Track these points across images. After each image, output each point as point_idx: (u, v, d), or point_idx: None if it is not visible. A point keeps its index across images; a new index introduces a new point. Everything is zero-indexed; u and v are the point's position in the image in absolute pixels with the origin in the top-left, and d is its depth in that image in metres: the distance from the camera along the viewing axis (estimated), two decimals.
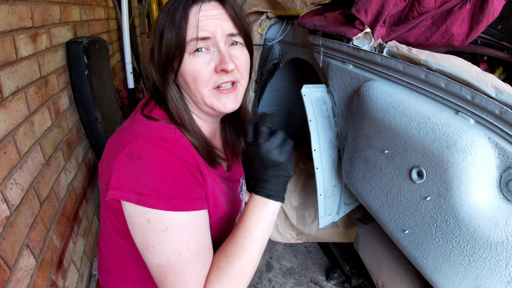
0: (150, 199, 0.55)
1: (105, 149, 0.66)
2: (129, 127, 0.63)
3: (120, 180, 0.57)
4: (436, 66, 0.71)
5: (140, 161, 0.56)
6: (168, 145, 0.59)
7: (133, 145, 0.58)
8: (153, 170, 0.56)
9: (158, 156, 0.57)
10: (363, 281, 1.46)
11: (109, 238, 0.73)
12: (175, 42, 0.62)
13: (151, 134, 0.59)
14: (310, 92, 1.10)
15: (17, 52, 0.96)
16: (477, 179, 0.61)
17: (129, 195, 0.56)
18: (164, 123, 0.64)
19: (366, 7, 0.85)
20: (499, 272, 0.60)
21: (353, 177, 0.97)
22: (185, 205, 0.58)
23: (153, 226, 0.56)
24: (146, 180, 0.56)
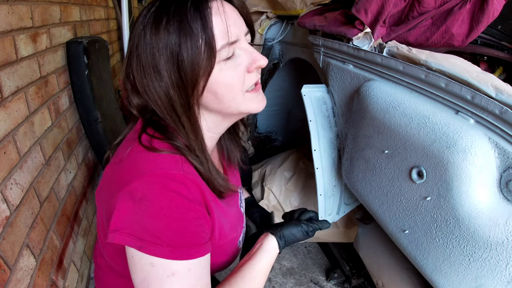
0: (154, 247, 0.51)
1: (103, 178, 0.61)
2: (129, 160, 0.56)
3: (120, 222, 0.52)
4: (436, 66, 0.71)
5: (143, 203, 0.51)
6: (176, 184, 0.53)
7: (136, 185, 0.52)
8: (157, 214, 0.51)
9: (163, 198, 0.52)
10: (363, 281, 1.45)
11: (106, 253, 0.70)
12: (204, 51, 0.52)
13: (155, 171, 0.53)
14: (310, 92, 1.10)
15: (17, 52, 0.96)
16: (477, 179, 0.61)
17: (130, 239, 0.51)
18: (169, 154, 0.57)
19: (366, 7, 0.85)
20: (499, 272, 0.60)
21: (353, 177, 0.97)
22: (191, 253, 0.54)
23: (157, 270, 0.52)
24: (149, 225, 0.51)
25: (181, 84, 0.55)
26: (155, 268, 0.52)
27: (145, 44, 0.54)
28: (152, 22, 0.53)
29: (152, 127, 0.60)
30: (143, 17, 0.55)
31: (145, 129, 0.60)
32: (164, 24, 0.52)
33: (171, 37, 0.52)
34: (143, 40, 0.54)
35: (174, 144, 0.58)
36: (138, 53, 0.55)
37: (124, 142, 0.62)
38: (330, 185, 1.13)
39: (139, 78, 0.56)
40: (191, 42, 0.52)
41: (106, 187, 0.59)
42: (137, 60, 0.55)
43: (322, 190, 1.11)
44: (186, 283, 0.54)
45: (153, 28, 0.53)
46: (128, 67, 0.57)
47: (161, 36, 0.53)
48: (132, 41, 0.56)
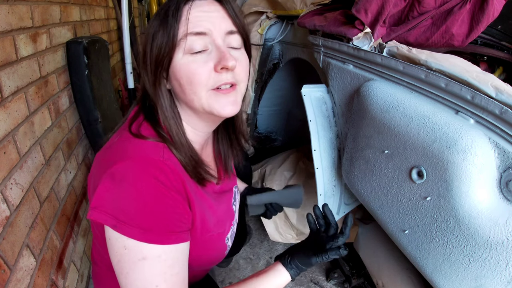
0: (126, 227, 0.53)
1: (93, 164, 0.64)
2: (117, 146, 0.60)
3: (100, 200, 0.55)
4: (436, 66, 0.71)
5: (122, 184, 0.54)
6: (155, 170, 0.55)
7: (118, 167, 0.54)
8: (133, 196, 0.54)
9: (141, 182, 0.54)
10: (363, 281, 1.45)
11: (99, 246, 0.72)
12: (166, 39, 0.59)
13: (137, 156, 0.56)
14: (310, 92, 1.10)
15: (17, 52, 0.96)
16: (477, 179, 0.61)
17: (107, 217, 0.54)
18: (153, 141, 0.60)
19: (366, 7, 0.85)
20: (499, 272, 0.60)
21: (353, 177, 0.97)
22: (162, 238, 0.55)
23: (129, 253, 0.54)
24: (125, 205, 0.54)
25: (150, 66, 0.62)
26: (127, 250, 0.54)
27: (150, 22, 0.64)
28: (154, 15, 0.63)
29: (144, 113, 0.65)
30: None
31: (137, 115, 0.65)
32: (155, 16, 0.62)
33: (153, 27, 0.61)
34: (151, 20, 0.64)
35: (159, 132, 0.62)
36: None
37: (118, 130, 0.66)
38: (330, 185, 1.13)
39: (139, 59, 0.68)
40: (162, 32, 0.59)
41: (94, 172, 0.62)
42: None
43: (322, 190, 1.11)
44: (156, 269, 0.55)
45: (151, 20, 0.63)
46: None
47: (149, 26, 0.62)
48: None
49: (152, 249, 0.55)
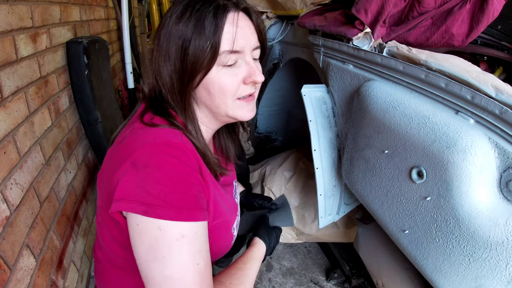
0: (159, 209, 0.52)
1: (105, 161, 0.64)
2: (130, 135, 0.60)
3: (125, 191, 0.54)
4: (436, 66, 0.71)
5: (146, 169, 0.53)
6: (176, 151, 0.56)
7: (139, 153, 0.54)
8: (161, 178, 0.53)
9: (165, 163, 0.54)
10: (363, 281, 1.45)
11: (105, 245, 0.72)
12: (208, 52, 0.59)
13: (157, 140, 0.56)
14: (310, 92, 1.10)
15: (17, 52, 0.96)
16: (477, 179, 0.61)
17: (135, 205, 0.53)
18: (169, 128, 0.61)
19: (366, 7, 0.85)
20: (499, 272, 0.60)
21: (353, 177, 0.97)
22: (195, 215, 0.56)
23: (165, 234, 0.53)
24: (154, 189, 0.53)
25: (181, 72, 0.62)
26: (163, 232, 0.53)
27: (166, 29, 0.61)
28: (178, 12, 0.61)
29: (153, 108, 0.65)
30: (175, 6, 0.62)
31: (147, 110, 0.65)
32: (186, 18, 0.60)
33: (186, 31, 0.60)
34: (166, 25, 0.61)
35: (173, 122, 0.63)
36: (159, 35, 0.62)
37: (127, 125, 0.66)
38: (330, 185, 1.13)
39: (156, 56, 0.63)
40: (200, 41, 0.59)
41: (108, 166, 0.61)
42: (157, 40, 0.62)
43: (322, 190, 1.11)
44: (194, 247, 0.55)
45: (176, 18, 0.60)
46: (153, 44, 0.64)
47: (179, 27, 0.60)
48: (160, 23, 0.63)
49: (189, 227, 0.54)
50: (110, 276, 0.76)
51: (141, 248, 0.54)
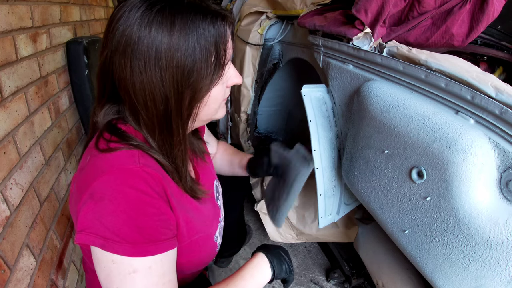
0: (114, 244, 0.52)
1: (71, 188, 0.63)
2: (89, 166, 0.58)
3: (84, 223, 0.54)
4: (436, 66, 0.71)
5: (102, 202, 0.53)
6: (133, 179, 0.54)
7: (95, 185, 0.53)
8: (115, 211, 0.52)
9: (121, 195, 0.53)
10: (363, 281, 1.45)
11: (88, 260, 0.72)
12: (214, 73, 0.58)
13: (113, 168, 0.54)
14: (310, 92, 1.10)
15: (17, 52, 0.96)
16: (477, 179, 0.61)
17: (94, 238, 0.52)
18: (125, 150, 0.58)
19: (366, 7, 0.85)
20: (499, 272, 0.60)
21: (353, 177, 0.97)
22: (150, 250, 0.54)
23: (118, 267, 0.53)
24: (109, 222, 0.52)
25: (179, 98, 0.57)
26: (116, 265, 0.53)
27: (153, 42, 0.53)
28: (166, 23, 0.53)
29: (109, 132, 0.61)
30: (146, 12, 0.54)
31: (102, 134, 0.61)
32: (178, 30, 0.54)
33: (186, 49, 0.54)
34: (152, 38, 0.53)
35: (131, 143, 0.59)
36: (140, 48, 0.54)
37: (85, 153, 0.64)
38: (330, 185, 1.13)
39: (137, 73, 0.55)
40: (206, 62, 0.57)
41: (73, 194, 0.60)
42: (136, 54, 0.54)
43: (322, 190, 1.11)
44: (148, 281, 0.54)
45: (166, 30, 0.53)
46: (118, 57, 0.56)
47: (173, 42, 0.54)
48: (129, 32, 0.54)
49: (142, 261, 0.54)
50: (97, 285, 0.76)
51: (101, 275, 0.55)
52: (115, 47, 0.55)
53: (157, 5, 0.53)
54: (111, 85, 0.60)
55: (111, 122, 0.62)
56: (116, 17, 0.55)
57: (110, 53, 0.56)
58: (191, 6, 0.55)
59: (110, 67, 0.57)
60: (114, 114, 0.63)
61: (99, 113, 0.62)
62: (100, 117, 0.62)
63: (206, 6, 0.57)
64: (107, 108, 0.62)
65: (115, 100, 0.62)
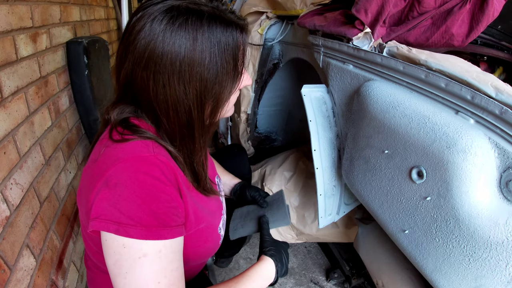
0: (128, 228, 0.53)
1: (82, 179, 0.64)
2: (103, 155, 0.59)
3: (99, 210, 0.54)
4: (436, 66, 0.71)
5: (117, 188, 0.54)
6: (148, 166, 0.55)
7: (111, 172, 0.54)
8: (130, 197, 0.53)
9: (136, 181, 0.54)
10: (363, 281, 1.45)
11: (91, 255, 0.73)
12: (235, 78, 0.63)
13: (128, 156, 0.55)
14: (310, 92, 1.10)
15: (17, 52, 0.96)
16: (477, 179, 0.61)
17: (108, 225, 0.53)
18: (139, 140, 0.59)
19: (366, 7, 0.85)
20: (499, 272, 0.60)
21: (353, 177, 0.97)
22: (162, 233, 0.55)
23: (129, 251, 0.53)
24: (124, 207, 0.53)
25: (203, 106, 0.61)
26: (126, 249, 0.53)
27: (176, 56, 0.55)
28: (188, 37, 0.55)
29: (122, 126, 0.62)
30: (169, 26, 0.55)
31: (115, 127, 0.62)
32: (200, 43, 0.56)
33: (218, 61, 0.58)
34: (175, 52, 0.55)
35: (145, 135, 0.61)
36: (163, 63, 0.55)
37: (97, 145, 0.65)
38: (330, 185, 1.13)
39: (160, 86, 0.57)
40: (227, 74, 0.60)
41: (85, 185, 0.61)
42: (160, 68, 0.55)
43: (322, 190, 1.11)
44: (156, 265, 0.55)
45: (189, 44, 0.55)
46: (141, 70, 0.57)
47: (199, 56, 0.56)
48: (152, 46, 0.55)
49: (153, 245, 0.54)
50: (98, 282, 0.77)
51: (109, 261, 0.56)
52: (137, 60, 0.56)
53: (179, 19, 0.54)
54: (133, 93, 0.61)
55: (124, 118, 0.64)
56: (136, 29, 0.55)
57: (132, 65, 0.57)
58: (211, 18, 0.56)
59: (132, 78, 0.59)
60: (129, 112, 0.64)
61: (112, 111, 0.63)
62: (114, 114, 0.63)
63: (225, 18, 0.58)
64: (122, 106, 0.64)
65: (133, 103, 0.64)
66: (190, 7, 0.56)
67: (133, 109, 0.64)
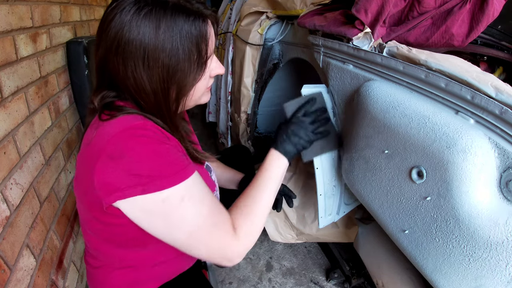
0: (153, 184, 0.56)
1: (77, 165, 0.66)
2: (96, 135, 0.61)
3: (114, 183, 0.56)
4: (436, 66, 0.71)
5: (124, 157, 0.56)
6: (142, 131, 0.59)
7: (110, 146, 0.56)
8: (140, 159, 0.56)
9: (137, 144, 0.57)
10: (363, 281, 1.45)
11: (92, 248, 0.74)
12: (198, 66, 0.65)
13: (120, 128, 0.58)
14: (310, 92, 1.09)
15: (17, 52, 0.96)
16: (477, 179, 0.61)
17: (132, 190, 0.56)
18: (128, 114, 0.63)
19: (366, 7, 0.85)
20: (499, 272, 0.60)
21: (353, 177, 0.97)
22: (184, 174, 0.60)
23: (170, 202, 0.58)
24: (140, 170, 0.56)
25: (167, 91, 0.64)
26: (166, 202, 0.58)
27: (141, 43, 0.59)
28: (152, 26, 0.59)
29: (108, 109, 0.65)
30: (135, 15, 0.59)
31: (102, 111, 0.65)
32: (163, 31, 0.59)
33: (184, 44, 0.61)
34: (139, 39, 0.59)
35: (132, 111, 0.64)
36: (129, 49, 0.60)
37: (88, 130, 0.67)
38: (330, 185, 1.13)
39: (129, 71, 0.61)
40: (189, 62, 0.63)
41: (82, 168, 0.63)
42: (127, 54, 0.60)
43: (322, 190, 1.11)
44: (193, 201, 0.61)
45: (152, 32, 0.59)
46: (112, 56, 0.61)
47: (159, 38, 0.59)
48: (120, 34, 0.59)
49: (184, 187, 0.60)
50: (98, 277, 0.78)
51: (158, 225, 0.61)
52: (108, 46, 0.61)
53: (144, 9, 0.59)
54: (109, 77, 0.66)
55: (109, 102, 0.67)
56: (109, 18, 0.60)
57: (105, 51, 0.62)
58: (175, 8, 0.60)
59: (106, 64, 0.63)
60: (113, 97, 0.67)
61: (95, 99, 0.67)
62: (97, 100, 0.66)
63: (189, 8, 0.62)
64: (104, 93, 0.67)
65: (113, 88, 0.67)
66: None
67: (116, 94, 0.67)
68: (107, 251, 0.72)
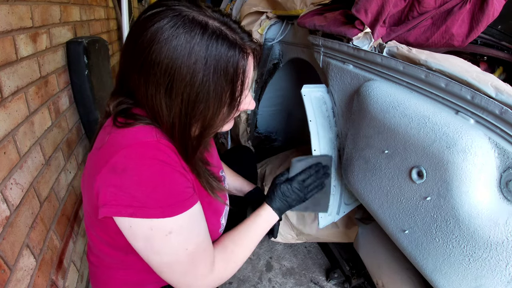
0: (145, 210, 0.55)
1: (86, 166, 0.65)
2: (108, 142, 0.60)
3: (109, 196, 0.55)
4: (436, 66, 0.71)
5: (125, 173, 0.54)
6: (152, 151, 0.56)
7: (116, 158, 0.55)
8: (140, 181, 0.54)
9: (143, 166, 0.55)
10: (363, 281, 1.45)
11: (94, 246, 0.75)
12: (232, 105, 0.60)
13: (132, 142, 0.56)
14: (310, 92, 1.10)
15: (17, 52, 0.96)
16: (477, 179, 0.61)
17: (121, 209, 0.54)
18: (142, 125, 0.60)
19: (366, 7, 0.85)
20: (499, 272, 0.60)
21: (353, 177, 0.97)
22: (179, 209, 0.58)
23: (156, 232, 0.57)
24: (136, 192, 0.54)
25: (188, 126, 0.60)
26: (153, 230, 0.57)
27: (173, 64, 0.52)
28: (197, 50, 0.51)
29: (123, 116, 0.63)
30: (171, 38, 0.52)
31: (118, 116, 0.63)
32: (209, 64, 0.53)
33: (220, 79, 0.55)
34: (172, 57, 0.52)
35: (146, 121, 0.61)
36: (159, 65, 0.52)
37: (101, 132, 0.66)
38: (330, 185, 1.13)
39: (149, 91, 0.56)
40: (220, 103, 0.58)
41: (89, 172, 0.62)
42: (153, 69, 0.53)
43: None
44: (181, 237, 0.60)
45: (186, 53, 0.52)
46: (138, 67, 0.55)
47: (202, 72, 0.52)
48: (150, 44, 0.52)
49: (175, 221, 0.58)
50: (100, 276, 0.78)
51: (138, 244, 0.60)
52: (133, 62, 0.56)
53: (179, 28, 0.51)
54: (127, 88, 0.62)
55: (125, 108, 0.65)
56: (139, 29, 0.54)
57: (128, 65, 0.58)
58: (214, 35, 0.52)
59: (127, 77, 0.60)
60: (130, 104, 0.64)
61: (112, 103, 0.64)
62: (114, 105, 0.64)
63: (230, 38, 0.53)
64: (122, 99, 0.64)
65: (131, 97, 0.64)
66: (196, 18, 0.52)
67: (134, 102, 0.65)
68: (109, 253, 0.72)
